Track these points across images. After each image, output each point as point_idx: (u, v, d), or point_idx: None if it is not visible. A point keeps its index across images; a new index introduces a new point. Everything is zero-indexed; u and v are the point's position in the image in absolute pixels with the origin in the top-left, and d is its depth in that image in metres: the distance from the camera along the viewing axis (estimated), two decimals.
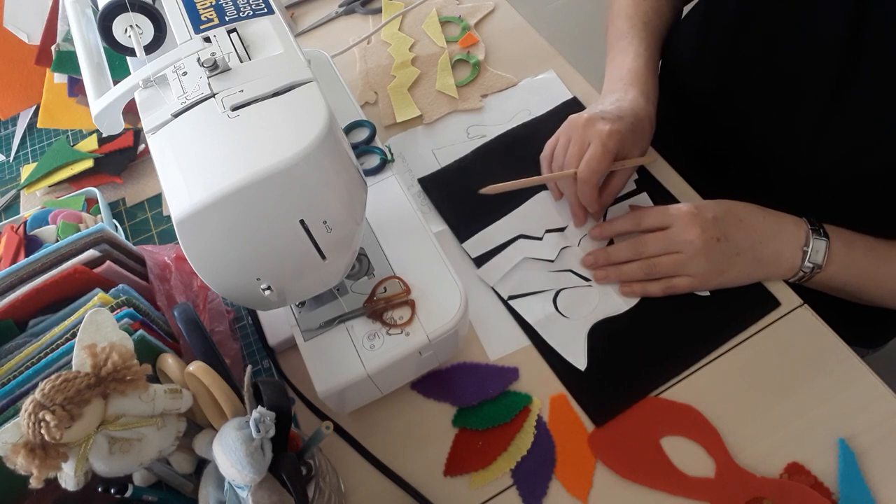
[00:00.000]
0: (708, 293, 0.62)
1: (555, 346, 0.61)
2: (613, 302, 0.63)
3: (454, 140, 0.78)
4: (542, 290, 0.65)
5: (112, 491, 0.43)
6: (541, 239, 0.68)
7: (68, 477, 0.40)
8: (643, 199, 0.70)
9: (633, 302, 0.63)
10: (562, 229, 0.68)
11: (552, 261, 0.66)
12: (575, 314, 0.63)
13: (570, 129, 0.66)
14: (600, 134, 0.63)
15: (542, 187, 0.71)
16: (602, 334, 0.62)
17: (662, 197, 0.69)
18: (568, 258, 0.67)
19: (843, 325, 0.61)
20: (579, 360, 0.60)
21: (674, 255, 0.61)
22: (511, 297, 0.65)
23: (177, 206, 0.40)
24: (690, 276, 0.61)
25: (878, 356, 0.85)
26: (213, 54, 0.44)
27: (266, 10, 0.49)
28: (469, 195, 0.70)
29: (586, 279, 0.65)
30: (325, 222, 0.45)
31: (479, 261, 0.68)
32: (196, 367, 0.44)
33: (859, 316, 0.73)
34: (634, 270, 0.63)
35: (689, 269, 0.60)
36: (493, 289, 0.66)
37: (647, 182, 0.71)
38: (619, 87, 0.69)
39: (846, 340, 0.59)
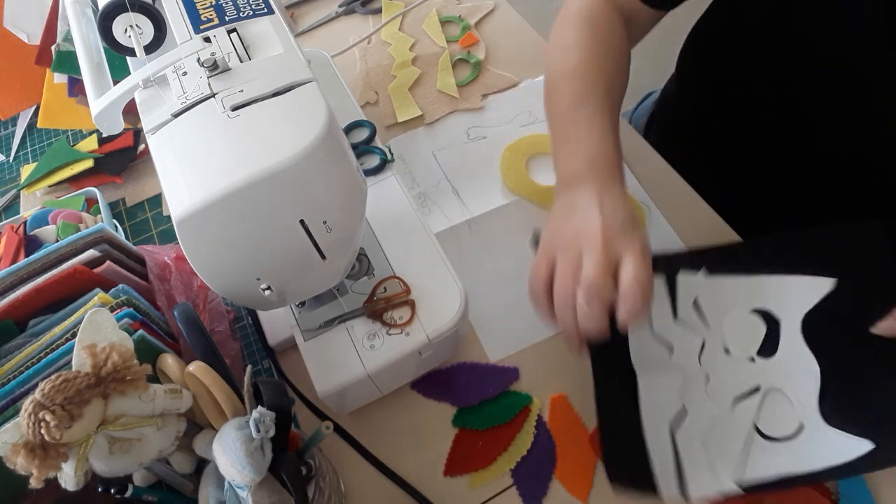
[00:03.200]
0: None
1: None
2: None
3: (455, 142, 0.78)
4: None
5: (112, 491, 0.43)
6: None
7: (68, 477, 0.40)
8: None
9: None
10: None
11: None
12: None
13: (571, 247, 0.50)
14: (633, 247, 0.48)
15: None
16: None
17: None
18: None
19: None
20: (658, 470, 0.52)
21: None
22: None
23: (177, 206, 0.40)
24: None
25: None
26: (213, 54, 0.44)
27: (266, 10, 0.49)
28: None
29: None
30: (325, 222, 0.45)
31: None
32: (196, 367, 0.44)
33: None
34: None
35: None
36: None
37: None
38: (601, 177, 0.53)
39: None
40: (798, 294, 0.57)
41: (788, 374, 0.55)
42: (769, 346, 0.56)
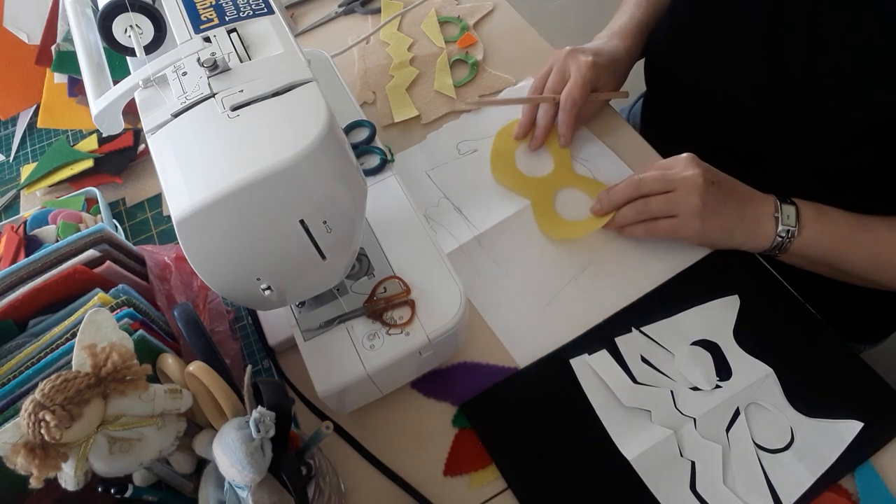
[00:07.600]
0: None
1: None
2: None
3: (445, 158, 0.76)
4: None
5: (112, 491, 0.43)
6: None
7: (68, 477, 0.40)
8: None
9: None
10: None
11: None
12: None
13: (553, 61, 0.74)
14: (578, 64, 0.71)
15: None
16: None
17: None
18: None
19: (839, 320, 0.61)
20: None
21: (667, 194, 0.62)
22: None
23: (177, 206, 0.40)
24: (676, 215, 0.61)
25: (875, 352, 0.86)
26: (213, 54, 0.44)
27: (266, 10, 0.49)
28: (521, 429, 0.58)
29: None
30: (325, 222, 0.45)
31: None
32: (196, 367, 0.44)
33: (856, 311, 0.73)
34: (627, 213, 0.64)
35: (678, 206, 0.61)
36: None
37: None
38: (603, 35, 0.78)
39: (843, 336, 0.59)
40: (718, 315, 0.61)
41: (752, 386, 0.57)
42: (723, 368, 0.58)
